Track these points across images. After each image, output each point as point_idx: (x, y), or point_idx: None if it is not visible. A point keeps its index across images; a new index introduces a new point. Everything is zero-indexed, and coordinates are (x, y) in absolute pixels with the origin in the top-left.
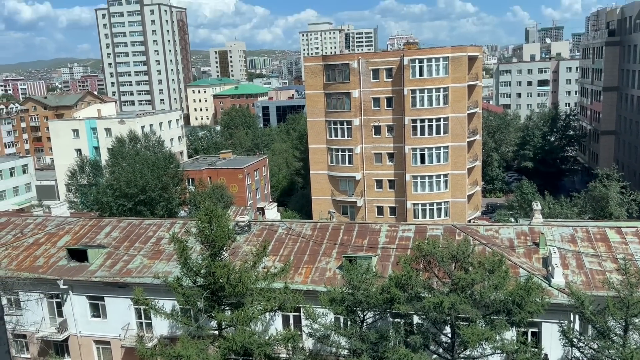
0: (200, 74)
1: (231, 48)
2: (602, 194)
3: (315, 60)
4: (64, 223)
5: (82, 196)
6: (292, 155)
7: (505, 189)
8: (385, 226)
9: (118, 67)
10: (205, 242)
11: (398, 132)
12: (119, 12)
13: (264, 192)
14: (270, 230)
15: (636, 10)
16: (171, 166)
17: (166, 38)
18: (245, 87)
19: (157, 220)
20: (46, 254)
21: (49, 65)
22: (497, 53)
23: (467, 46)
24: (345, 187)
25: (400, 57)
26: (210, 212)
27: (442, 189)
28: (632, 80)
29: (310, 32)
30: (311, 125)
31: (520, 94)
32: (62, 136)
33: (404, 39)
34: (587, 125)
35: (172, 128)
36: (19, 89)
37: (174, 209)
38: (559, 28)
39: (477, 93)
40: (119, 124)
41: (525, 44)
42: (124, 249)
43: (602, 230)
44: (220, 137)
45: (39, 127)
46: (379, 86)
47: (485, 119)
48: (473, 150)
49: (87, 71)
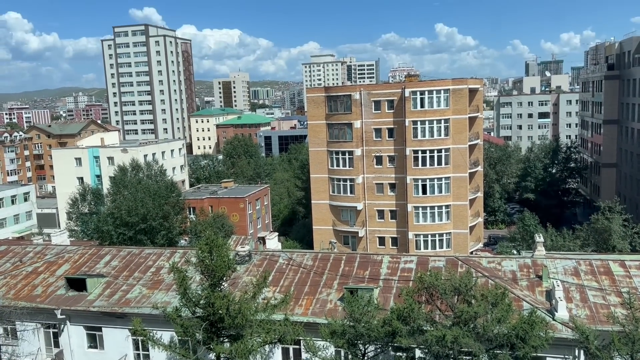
0: (204, 104)
1: (235, 79)
2: (604, 227)
3: (317, 91)
4: (63, 252)
5: (82, 224)
6: (293, 184)
7: (507, 221)
8: (387, 257)
9: (122, 97)
10: (205, 272)
11: (399, 162)
12: (125, 43)
13: (265, 222)
14: (271, 260)
15: (634, 45)
16: (172, 195)
17: (171, 69)
18: (248, 117)
19: (157, 249)
20: (44, 283)
21: (54, 94)
22: (497, 85)
23: (467, 79)
24: (346, 217)
25: (402, 89)
26: (210, 242)
27: (444, 220)
28: (632, 113)
29: (312, 63)
30: (313, 155)
31: (521, 126)
32: (65, 164)
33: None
34: (588, 158)
35: (175, 157)
36: (24, 118)
37: (175, 238)
38: (559, 62)
39: (478, 125)
40: (122, 153)
41: (526, 77)
42: (123, 279)
43: (606, 263)
44: (222, 166)
45: (42, 155)
46: (381, 117)
47: (486, 151)
48: (474, 181)
49: (91, 100)
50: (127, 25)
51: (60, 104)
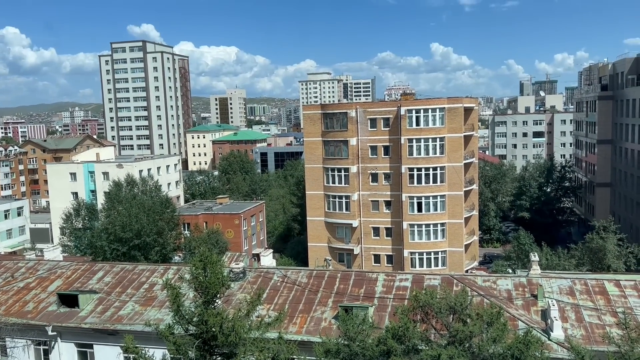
0: (200, 120)
1: (231, 95)
2: (599, 246)
3: (314, 108)
4: (56, 267)
5: (76, 240)
6: (289, 201)
7: (503, 239)
8: (382, 275)
9: (119, 112)
10: (199, 289)
11: (395, 180)
12: (122, 58)
13: (260, 238)
14: (265, 277)
15: (627, 66)
16: (167, 211)
17: (167, 85)
18: (245, 133)
19: (151, 265)
20: (36, 299)
21: (50, 109)
22: (492, 105)
23: (462, 97)
24: (342, 234)
25: (397, 107)
26: (204, 258)
27: (439, 237)
28: (626, 133)
29: (309, 81)
30: (309, 171)
31: (515, 144)
32: (60, 179)
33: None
34: (583, 177)
35: (170, 173)
36: (19, 132)
37: (169, 254)
38: (553, 82)
39: (473, 143)
40: (117, 168)
41: (520, 97)
42: (115, 295)
43: (601, 282)
44: (218, 182)
45: (37, 170)
46: (377, 135)
47: (481, 169)
48: (470, 199)
49: (87, 115)
50: (124, 42)
51: (57, 119)
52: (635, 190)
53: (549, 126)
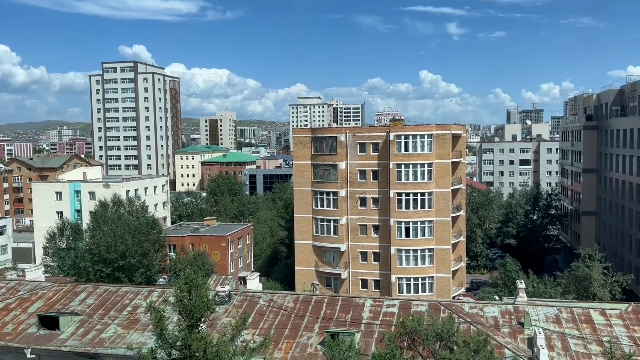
0: (190, 141)
1: (222, 117)
2: (585, 274)
3: (304, 132)
4: (37, 288)
5: (59, 260)
6: (277, 224)
7: (490, 266)
8: (369, 300)
9: (107, 132)
10: (183, 313)
11: (383, 204)
12: (113, 78)
13: (247, 261)
14: (251, 301)
15: (611, 97)
16: (153, 232)
17: (158, 105)
18: (234, 155)
19: (135, 287)
20: (16, 320)
21: (38, 127)
22: (479, 132)
23: (451, 124)
24: (329, 259)
25: (387, 133)
26: (190, 281)
27: (427, 263)
28: (611, 163)
29: (299, 105)
30: (297, 194)
31: (502, 172)
32: (45, 198)
33: (390, 115)
34: (569, 205)
35: (158, 193)
36: (5, 150)
37: (153, 276)
38: (539, 111)
39: (461, 170)
40: (104, 188)
41: (507, 125)
42: (98, 317)
43: (587, 311)
44: (206, 204)
45: (22, 188)
46: (365, 159)
47: (468, 195)
48: (457, 225)
49: (76, 134)
50: (116, 62)
51: (44, 137)
52: (620, 219)
53: (535, 154)
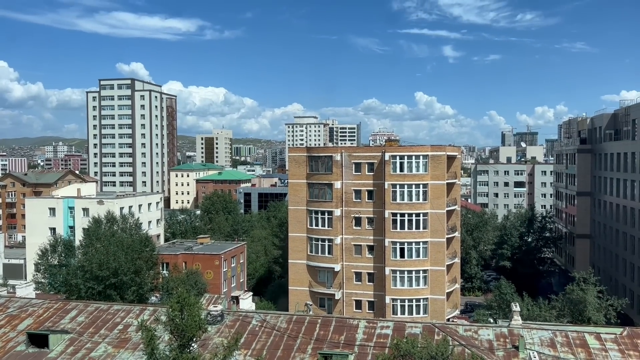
0: (186, 159)
1: (218, 135)
2: (579, 298)
3: (299, 151)
4: (27, 305)
5: (50, 277)
6: (271, 242)
7: (484, 288)
8: (363, 322)
9: (103, 148)
10: (175, 332)
11: (378, 224)
12: (110, 95)
13: (240, 280)
14: (244, 321)
15: (605, 121)
16: (146, 249)
17: (154, 123)
18: (229, 173)
19: (127, 305)
20: (4, 338)
21: (33, 143)
22: (474, 154)
23: (446, 146)
24: (323, 279)
25: (382, 153)
26: (182, 300)
27: (422, 284)
28: (605, 186)
29: (296, 124)
30: (292, 213)
31: (497, 194)
32: (38, 214)
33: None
34: (563, 228)
35: (152, 211)
36: (0, 165)
37: (145, 294)
38: (534, 133)
39: (456, 191)
40: (98, 204)
41: (502, 147)
42: (88, 335)
43: (582, 335)
44: (200, 222)
45: (15, 203)
46: (361, 179)
47: (463, 217)
48: (452, 247)
49: (71, 150)
50: (113, 79)
51: (39, 153)
52: (614, 242)
53: (529, 177)
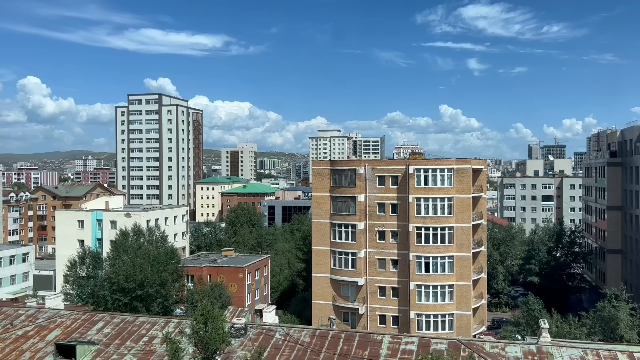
0: (211, 172)
1: (242, 149)
2: (611, 315)
3: (323, 164)
4: (56, 316)
5: (79, 288)
6: (294, 256)
7: (511, 304)
8: (387, 337)
9: (131, 162)
10: (199, 345)
11: (402, 238)
12: (138, 110)
13: (264, 293)
14: (267, 335)
15: (636, 133)
16: (172, 262)
17: (181, 137)
18: (253, 186)
19: (152, 317)
20: (33, 348)
21: (64, 157)
22: (500, 167)
23: (471, 159)
24: (347, 293)
25: (406, 166)
26: (206, 313)
27: (447, 300)
28: (636, 200)
29: (319, 137)
30: (316, 226)
31: (524, 207)
32: (67, 226)
33: (410, 148)
34: (593, 243)
35: (177, 223)
36: (32, 178)
37: (170, 306)
38: (562, 146)
39: (482, 205)
40: (125, 217)
41: (529, 160)
42: (114, 347)
43: (614, 354)
44: (224, 235)
45: (46, 216)
46: (385, 192)
47: (489, 231)
48: (478, 261)
49: (100, 164)
50: (141, 94)
51: (70, 167)
52: None
53: (557, 190)
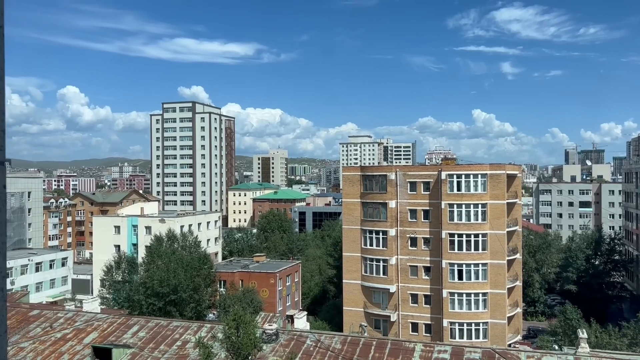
0: (243, 178)
1: (274, 155)
2: None
3: (353, 170)
4: (93, 319)
5: (115, 292)
6: (325, 262)
7: (548, 313)
8: (419, 345)
9: (165, 169)
10: (231, 350)
11: (435, 245)
12: (172, 118)
13: (295, 299)
14: (298, 341)
15: None
16: (205, 267)
17: (213, 144)
18: (284, 192)
19: (185, 322)
20: (71, 351)
21: (101, 164)
22: (536, 172)
23: (505, 164)
24: (378, 300)
25: (438, 172)
26: (238, 318)
27: (481, 308)
28: None
29: (350, 143)
30: (346, 232)
31: (561, 214)
32: (104, 232)
33: (442, 154)
34: (634, 251)
35: (210, 229)
36: (71, 185)
37: (203, 311)
38: (600, 151)
39: (517, 211)
40: (159, 223)
41: (566, 165)
42: (148, 351)
43: None
44: (256, 240)
45: (84, 222)
46: (416, 198)
47: (525, 238)
48: (513, 269)
49: (136, 171)
50: (175, 102)
51: (106, 173)
52: None
53: (596, 196)
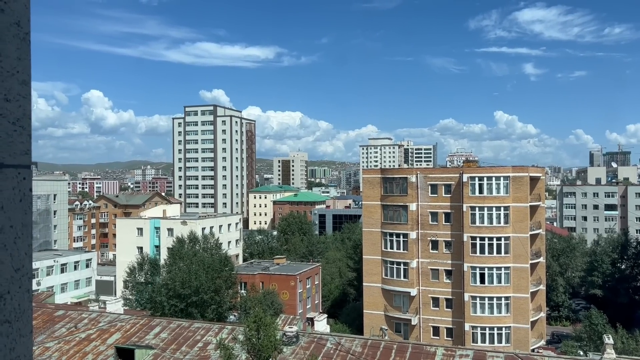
0: (263, 181)
1: (294, 158)
2: None
3: (373, 172)
4: (116, 320)
5: (137, 294)
6: (345, 264)
7: (572, 318)
8: (441, 349)
9: (187, 171)
10: (252, 351)
11: (456, 248)
12: (194, 121)
13: (315, 302)
14: (319, 343)
15: None
16: (226, 269)
17: (234, 147)
18: (305, 194)
19: (206, 323)
20: (95, 351)
21: (124, 167)
22: (560, 175)
23: (528, 167)
24: (399, 303)
25: (460, 174)
26: (258, 320)
27: (503, 312)
28: None
29: (370, 146)
30: (366, 235)
31: (585, 217)
32: (127, 233)
33: (463, 156)
34: None
35: (231, 231)
36: (95, 187)
37: (224, 313)
38: (626, 153)
39: (540, 214)
40: (181, 225)
41: (590, 167)
42: (170, 352)
43: None
44: (276, 242)
45: (107, 223)
46: (437, 201)
47: (549, 241)
48: (536, 273)
49: (158, 173)
50: (197, 105)
51: (129, 176)
52: None
53: (622, 199)
